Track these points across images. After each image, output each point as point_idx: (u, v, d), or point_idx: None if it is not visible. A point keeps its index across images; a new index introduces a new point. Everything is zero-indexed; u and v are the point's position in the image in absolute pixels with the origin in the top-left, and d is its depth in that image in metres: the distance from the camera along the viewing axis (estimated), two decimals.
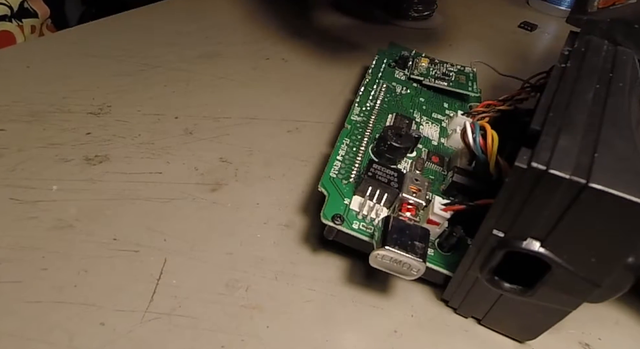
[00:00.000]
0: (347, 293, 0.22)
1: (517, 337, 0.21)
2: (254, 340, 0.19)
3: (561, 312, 0.18)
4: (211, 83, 0.34)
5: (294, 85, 0.35)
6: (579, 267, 0.16)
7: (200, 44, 0.39)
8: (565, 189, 0.15)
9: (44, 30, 0.49)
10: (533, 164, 0.15)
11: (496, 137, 0.20)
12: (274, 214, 0.25)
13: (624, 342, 0.22)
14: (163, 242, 0.22)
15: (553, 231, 0.16)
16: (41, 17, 0.47)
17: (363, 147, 0.25)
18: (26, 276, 0.20)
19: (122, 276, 0.20)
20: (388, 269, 0.19)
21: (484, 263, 0.18)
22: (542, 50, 0.49)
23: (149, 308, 0.19)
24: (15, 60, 0.34)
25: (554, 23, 0.54)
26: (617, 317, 0.23)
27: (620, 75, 0.20)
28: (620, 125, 0.17)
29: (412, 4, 0.46)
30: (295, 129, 0.31)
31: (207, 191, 0.25)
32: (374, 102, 0.29)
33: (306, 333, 0.20)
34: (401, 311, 0.21)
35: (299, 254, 0.23)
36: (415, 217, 0.21)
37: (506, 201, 0.16)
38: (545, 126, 0.16)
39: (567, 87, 0.19)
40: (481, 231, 0.17)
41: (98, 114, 0.30)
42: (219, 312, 0.20)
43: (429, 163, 0.25)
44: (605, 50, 0.23)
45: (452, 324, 0.21)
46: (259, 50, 0.39)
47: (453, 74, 0.34)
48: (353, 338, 0.20)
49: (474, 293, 0.20)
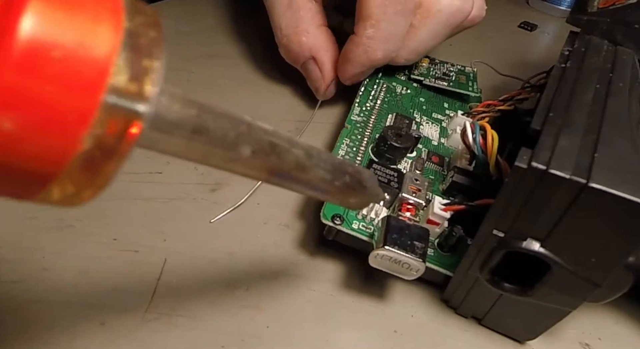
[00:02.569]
0: (347, 293, 0.22)
1: (517, 337, 0.21)
2: (254, 340, 0.19)
3: (561, 312, 0.18)
4: (211, 83, 0.34)
5: (294, 85, 0.35)
6: (579, 267, 0.16)
7: (200, 44, 0.39)
8: (565, 189, 0.15)
9: None
10: (533, 164, 0.15)
11: (496, 137, 0.20)
12: (274, 214, 0.25)
13: (624, 342, 0.22)
14: (163, 243, 0.22)
15: (553, 231, 0.16)
16: None
17: (363, 147, 0.25)
18: (26, 276, 0.20)
19: (122, 276, 0.20)
20: (388, 269, 0.19)
21: (484, 262, 0.18)
22: (542, 50, 0.49)
23: (149, 308, 0.19)
24: None
25: (554, 23, 0.54)
26: (617, 317, 0.23)
27: (620, 75, 0.20)
28: (620, 125, 0.17)
29: None
30: (295, 129, 0.31)
31: (207, 191, 0.25)
32: (374, 102, 0.29)
33: (306, 333, 0.20)
34: (401, 311, 0.21)
35: (299, 254, 0.23)
36: (415, 217, 0.21)
37: (506, 201, 0.16)
38: (545, 126, 0.16)
39: (567, 87, 0.19)
40: (481, 231, 0.17)
41: None
42: (219, 312, 0.20)
43: (429, 163, 0.25)
44: (605, 50, 0.23)
45: (452, 324, 0.21)
46: (258, 50, 0.39)
47: (453, 74, 0.34)
48: (353, 338, 0.20)
49: (474, 293, 0.20)
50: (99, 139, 0.08)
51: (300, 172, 0.12)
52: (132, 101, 0.08)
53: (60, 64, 0.07)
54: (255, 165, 0.11)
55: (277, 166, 0.12)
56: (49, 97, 0.07)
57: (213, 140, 0.10)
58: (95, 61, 0.07)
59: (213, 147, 0.10)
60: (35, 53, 0.07)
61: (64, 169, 0.08)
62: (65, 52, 0.07)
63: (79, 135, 0.08)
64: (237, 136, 0.11)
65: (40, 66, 0.07)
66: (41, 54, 0.07)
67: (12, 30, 0.07)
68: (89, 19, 0.07)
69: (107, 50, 0.07)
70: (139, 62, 0.08)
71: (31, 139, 0.07)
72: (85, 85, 0.07)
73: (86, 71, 0.07)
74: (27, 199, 0.09)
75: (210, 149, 0.10)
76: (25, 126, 0.07)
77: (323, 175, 0.13)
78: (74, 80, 0.07)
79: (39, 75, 0.07)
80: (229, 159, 0.11)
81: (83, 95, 0.07)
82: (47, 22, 0.07)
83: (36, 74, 0.07)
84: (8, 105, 0.07)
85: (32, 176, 0.08)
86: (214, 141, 0.10)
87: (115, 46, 0.08)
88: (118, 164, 0.09)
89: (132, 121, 0.08)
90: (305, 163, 0.12)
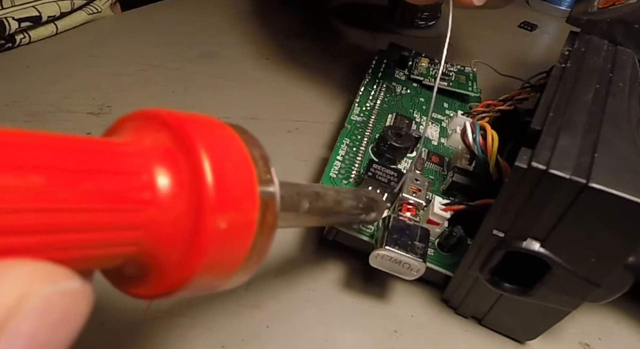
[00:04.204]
0: (347, 292, 0.22)
1: (517, 337, 0.21)
2: (254, 340, 0.19)
3: (561, 312, 0.18)
4: (211, 83, 0.34)
5: (294, 85, 0.35)
6: (579, 267, 0.16)
7: (200, 44, 0.39)
8: (566, 189, 0.15)
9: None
10: (533, 164, 0.15)
11: (496, 137, 0.20)
12: None
13: (624, 342, 0.22)
14: None
15: (553, 231, 0.16)
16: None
17: (363, 147, 0.25)
18: None
19: None
20: (388, 269, 0.19)
21: (484, 262, 0.18)
22: (542, 50, 0.49)
23: (149, 308, 0.19)
24: (15, 60, 0.34)
25: (554, 23, 0.54)
26: (617, 317, 0.23)
27: (620, 75, 0.20)
28: (620, 125, 0.17)
29: (417, 12, 0.46)
30: (295, 129, 0.31)
31: None
32: (374, 102, 0.29)
33: (306, 333, 0.20)
34: (401, 311, 0.21)
35: (299, 254, 0.23)
36: (415, 217, 0.21)
37: (506, 201, 0.16)
38: (545, 126, 0.16)
39: (567, 87, 0.19)
40: (481, 231, 0.17)
41: (98, 114, 0.30)
42: (219, 312, 0.20)
43: (429, 163, 0.25)
44: (605, 50, 0.23)
45: (452, 324, 0.21)
46: (258, 50, 0.39)
47: (453, 74, 0.34)
48: (353, 338, 0.20)
49: (474, 293, 0.20)
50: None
51: (338, 206, 0.16)
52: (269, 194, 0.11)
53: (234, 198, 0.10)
54: (313, 213, 0.15)
55: (323, 208, 0.15)
56: (237, 221, 0.10)
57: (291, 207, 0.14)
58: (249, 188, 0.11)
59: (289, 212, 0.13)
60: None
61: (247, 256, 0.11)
62: (237, 193, 0.10)
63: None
64: (300, 197, 0.14)
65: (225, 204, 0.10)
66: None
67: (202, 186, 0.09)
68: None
69: (251, 181, 0.11)
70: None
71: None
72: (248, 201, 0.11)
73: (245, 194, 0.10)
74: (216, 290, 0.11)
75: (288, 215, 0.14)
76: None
77: (351, 203, 0.17)
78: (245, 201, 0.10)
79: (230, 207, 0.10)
80: (297, 217, 0.14)
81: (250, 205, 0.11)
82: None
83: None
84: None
85: (223, 277, 0.11)
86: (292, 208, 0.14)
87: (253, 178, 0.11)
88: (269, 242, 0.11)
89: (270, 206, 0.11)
90: (339, 198, 0.16)
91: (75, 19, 0.39)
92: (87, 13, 0.40)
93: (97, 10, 0.40)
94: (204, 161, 0.09)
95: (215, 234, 0.09)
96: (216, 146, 0.10)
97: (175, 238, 0.09)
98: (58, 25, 0.37)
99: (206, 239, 0.09)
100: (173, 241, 0.09)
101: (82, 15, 0.39)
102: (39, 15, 0.35)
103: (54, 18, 0.36)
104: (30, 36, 0.35)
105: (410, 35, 0.45)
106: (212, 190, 0.09)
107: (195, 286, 0.10)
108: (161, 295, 0.10)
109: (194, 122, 0.10)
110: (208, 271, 0.10)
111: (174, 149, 0.10)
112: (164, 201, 0.09)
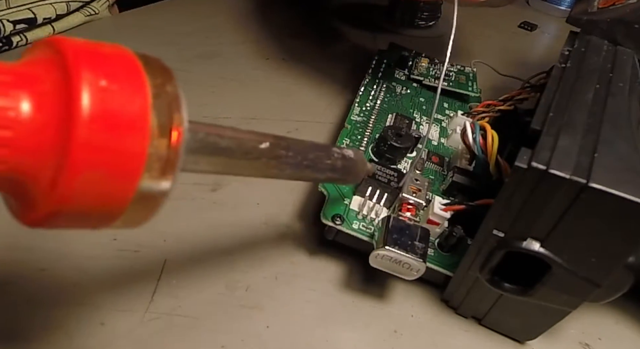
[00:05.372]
0: (347, 293, 0.21)
1: (517, 337, 0.21)
2: (254, 340, 0.19)
3: (561, 312, 0.18)
4: (211, 83, 0.34)
5: (294, 85, 0.35)
6: (579, 267, 0.16)
7: (200, 44, 0.39)
8: (566, 189, 0.15)
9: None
10: (533, 164, 0.15)
11: (496, 137, 0.20)
12: (274, 214, 0.24)
13: (624, 342, 0.22)
14: (163, 243, 0.22)
15: (553, 231, 0.16)
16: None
17: (363, 147, 0.25)
18: (26, 276, 0.20)
19: (122, 276, 0.20)
20: (388, 269, 0.19)
21: (484, 263, 0.18)
22: (542, 50, 0.49)
23: (149, 308, 0.19)
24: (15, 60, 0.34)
25: (554, 23, 0.54)
26: (617, 317, 0.23)
27: (620, 75, 0.20)
28: (620, 125, 0.17)
29: (417, 12, 0.46)
30: (295, 130, 0.31)
31: (207, 191, 0.25)
32: (374, 102, 0.29)
33: (306, 333, 0.20)
34: (401, 311, 0.21)
35: (299, 254, 0.23)
36: (415, 217, 0.21)
37: (506, 201, 0.16)
38: (545, 126, 0.16)
39: (567, 87, 0.19)
40: (481, 231, 0.17)
41: None
42: (219, 312, 0.20)
43: (429, 163, 0.25)
44: (605, 50, 0.23)
45: (452, 324, 0.21)
46: (259, 50, 0.39)
47: (453, 74, 0.34)
48: (353, 338, 0.20)
49: (474, 293, 0.20)
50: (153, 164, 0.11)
51: (273, 153, 0.15)
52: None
53: (117, 125, 0.10)
54: (245, 159, 0.14)
55: (257, 157, 0.15)
56: (117, 146, 0.10)
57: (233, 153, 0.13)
58: (135, 118, 0.10)
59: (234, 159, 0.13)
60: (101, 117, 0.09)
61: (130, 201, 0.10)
62: (118, 118, 0.10)
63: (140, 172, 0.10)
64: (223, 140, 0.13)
65: (104, 128, 0.09)
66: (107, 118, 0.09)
67: (76, 101, 0.09)
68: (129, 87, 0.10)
69: (142, 109, 0.10)
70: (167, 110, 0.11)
71: (109, 184, 0.10)
72: (133, 143, 0.10)
73: (131, 134, 0.10)
74: (100, 228, 0.11)
75: (231, 161, 0.13)
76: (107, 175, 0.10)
77: (318, 154, 0.16)
78: (126, 134, 0.10)
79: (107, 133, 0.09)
80: (220, 162, 0.14)
81: (137, 141, 0.10)
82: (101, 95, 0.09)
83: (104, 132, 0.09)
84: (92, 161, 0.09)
85: (108, 213, 0.11)
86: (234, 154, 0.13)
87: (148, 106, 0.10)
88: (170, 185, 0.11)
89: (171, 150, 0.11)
90: (281, 144, 0.15)
91: (72, 21, 0.38)
92: (84, 15, 0.39)
93: (94, 12, 0.40)
94: (79, 80, 0.09)
95: (87, 153, 0.09)
96: (102, 69, 0.10)
97: (46, 156, 0.09)
98: (55, 27, 0.37)
99: (75, 156, 0.09)
100: (44, 160, 0.09)
101: (79, 17, 0.39)
102: (34, 18, 0.35)
103: (49, 20, 0.36)
104: (27, 38, 0.35)
105: (410, 35, 0.45)
106: (86, 107, 0.09)
107: (73, 211, 0.10)
108: (40, 219, 0.10)
109: (84, 47, 0.10)
110: (86, 196, 0.10)
111: (53, 71, 0.10)
112: (32, 119, 0.09)
